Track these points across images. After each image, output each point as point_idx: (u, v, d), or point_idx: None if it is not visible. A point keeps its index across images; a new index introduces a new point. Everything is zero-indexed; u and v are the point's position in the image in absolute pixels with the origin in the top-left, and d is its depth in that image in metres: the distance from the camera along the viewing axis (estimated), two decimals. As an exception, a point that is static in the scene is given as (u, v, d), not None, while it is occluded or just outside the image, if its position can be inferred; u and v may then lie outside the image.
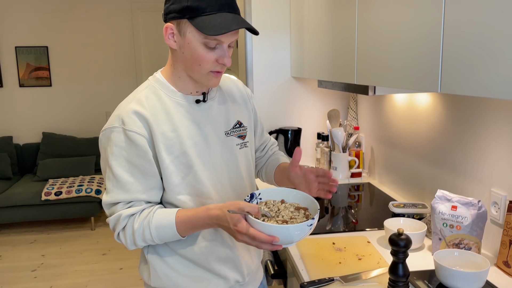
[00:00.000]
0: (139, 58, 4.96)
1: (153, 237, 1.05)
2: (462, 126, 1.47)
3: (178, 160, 1.07)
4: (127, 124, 1.03)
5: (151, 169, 1.05)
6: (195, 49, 1.01)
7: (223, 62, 1.04)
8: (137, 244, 1.07)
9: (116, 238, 1.09)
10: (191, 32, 1.00)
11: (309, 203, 1.08)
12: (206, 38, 1.00)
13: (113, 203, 1.06)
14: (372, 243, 1.45)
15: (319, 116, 2.47)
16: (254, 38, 2.32)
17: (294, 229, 0.94)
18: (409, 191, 1.87)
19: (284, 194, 1.12)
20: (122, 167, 1.04)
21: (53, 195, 3.97)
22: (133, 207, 1.05)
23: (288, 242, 0.97)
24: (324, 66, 1.82)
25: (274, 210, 1.05)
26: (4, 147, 4.53)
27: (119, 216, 1.04)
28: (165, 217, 1.04)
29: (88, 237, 4.00)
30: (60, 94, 4.84)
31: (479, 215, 1.26)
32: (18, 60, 4.69)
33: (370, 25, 1.34)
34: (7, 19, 4.60)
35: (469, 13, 0.87)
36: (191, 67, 1.05)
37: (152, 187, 1.07)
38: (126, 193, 1.04)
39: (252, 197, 1.09)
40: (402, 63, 1.15)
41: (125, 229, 1.06)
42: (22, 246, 3.82)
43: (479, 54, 0.85)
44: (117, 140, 1.04)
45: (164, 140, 1.05)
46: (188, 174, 1.08)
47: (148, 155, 1.04)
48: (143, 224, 1.04)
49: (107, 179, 1.06)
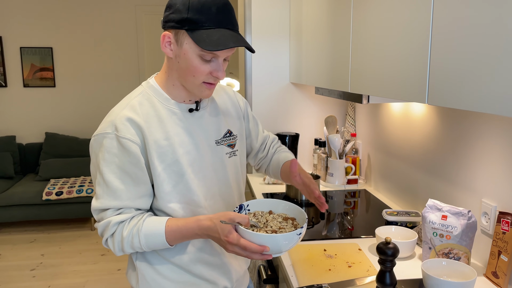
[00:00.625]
0: (142, 61, 5.00)
1: (141, 244, 1.05)
2: (455, 136, 1.48)
3: (170, 168, 1.07)
4: (120, 131, 1.04)
5: (143, 177, 1.06)
6: (190, 60, 1.02)
7: (216, 75, 1.05)
8: (125, 251, 1.08)
9: (104, 243, 1.10)
10: (188, 44, 1.01)
11: (297, 213, 1.10)
12: (202, 51, 1.00)
13: (103, 209, 1.06)
14: (363, 251, 1.45)
15: (317, 122, 2.48)
16: (254, 43, 2.34)
17: (283, 239, 0.96)
18: (403, 199, 1.88)
19: (272, 205, 1.13)
20: (114, 174, 1.04)
21: (54, 195, 4.00)
22: (122, 214, 1.06)
23: (277, 252, 0.98)
24: (321, 74, 1.84)
25: (262, 222, 1.07)
26: (7, 146, 4.57)
27: (108, 222, 1.05)
28: (155, 226, 1.05)
29: (88, 237, 4.02)
30: (64, 95, 4.88)
31: (469, 225, 1.26)
32: (23, 60, 4.73)
33: (363, 35, 1.36)
34: (13, 20, 4.65)
35: (455, 28, 0.88)
36: (185, 77, 1.06)
37: (142, 194, 1.07)
38: (116, 200, 1.05)
39: (240, 208, 1.11)
40: (393, 73, 1.17)
41: (114, 236, 1.07)
42: (22, 245, 3.85)
43: (465, 69, 0.86)
44: (109, 147, 1.04)
45: (157, 148, 1.06)
46: (179, 183, 1.09)
47: (140, 162, 1.05)
48: (133, 232, 1.05)
49: (97, 185, 1.06)
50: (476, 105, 0.83)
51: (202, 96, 1.10)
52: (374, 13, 1.28)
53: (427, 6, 0.99)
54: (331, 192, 2.15)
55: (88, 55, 4.87)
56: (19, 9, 4.65)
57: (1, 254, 3.66)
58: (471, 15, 0.84)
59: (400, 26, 1.12)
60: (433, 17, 0.97)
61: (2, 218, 4.00)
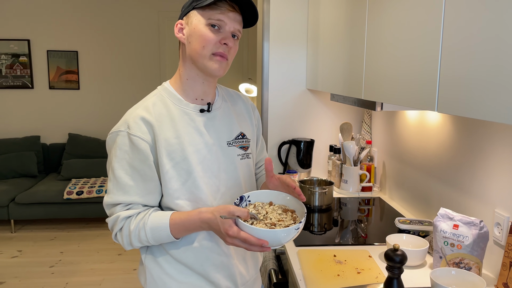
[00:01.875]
0: (164, 65, 5.09)
1: (148, 238, 1.09)
2: (470, 145, 1.47)
3: (179, 165, 1.11)
4: (132, 129, 1.09)
5: (151, 174, 1.10)
6: (200, 31, 1.09)
7: (225, 42, 1.09)
8: (133, 245, 1.12)
9: (114, 238, 1.14)
10: (196, 17, 1.10)
11: (296, 206, 1.11)
12: (210, 18, 1.08)
13: (113, 204, 1.11)
14: (374, 258, 1.45)
15: (332, 128, 2.49)
16: (272, 50, 2.37)
17: (281, 233, 0.99)
18: (417, 208, 1.87)
19: (273, 197, 1.15)
20: (124, 170, 1.09)
21: (75, 194, 4.10)
22: (130, 210, 1.10)
23: (276, 245, 1.01)
24: (336, 80, 1.85)
25: (262, 213, 1.09)
26: (32, 146, 4.72)
27: (117, 217, 1.10)
28: (160, 219, 1.09)
29: (106, 236, 4.10)
30: (87, 97, 5.02)
31: (481, 235, 1.25)
32: (49, 63, 4.89)
33: (377, 43, 1.37)
34: (41, 24, 4.81)
35: (466, 36, 0.89)
36: (196, 53, 1.10)
37: (150, 191, 1.11)
38: (125, 195, 1.09)
39: (241, 199, 1.12)
40: (404, 81, 1.18)
41: (122, 230, 1.11)
42: (42, 243, 3.95)
43: (475, 77, 0.86)
44: (121, 144, 1.09)
45: (167, 146, 1.10)
46: (187, 180, 1.12)
47: (148, 160, 1.09)
48: (139, 226, 1.09)
49: (109, 181, 1.12)
50: (485, 114, 0.83)
51: (214, 71, 1.12)
52: (387, 21, 1.29)
53: (438, 15, 1.00)
54: (345, 199, 2.14)
55: (111, 59, 4.99)
56: (47, 14, 4.81)
57: (22, 251, 3.77)
58: (482, 22, 0.84)
59: (412, 33, 1.13)
60: (444, 25, 0.97)
61: (24, 215, 4.13)
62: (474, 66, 0.86)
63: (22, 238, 4.05)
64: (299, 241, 1.61)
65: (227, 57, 1.12)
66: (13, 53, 4.80)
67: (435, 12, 1.01)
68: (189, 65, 1.15)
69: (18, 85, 4.86)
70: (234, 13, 1.10)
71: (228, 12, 1.09)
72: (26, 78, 4.87)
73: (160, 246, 1.18)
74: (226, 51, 1.11)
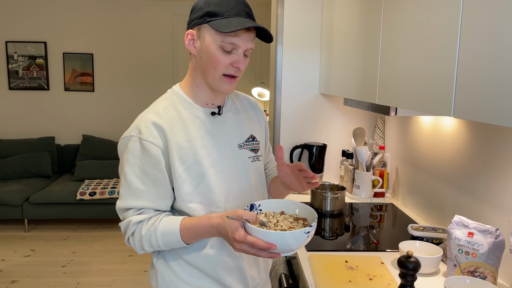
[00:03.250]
0: (177, 69, 5.13)
1: (159, 243, 1.09)
2: (485, 152, 1.45)
3: (191, 169, 1.11)
4: (143, 134, 1.09)
5: (162, 179, 1.10)
6: (212, 52, 1.07)
7: (237, 66, 1.08)
8: (145, 249, 1.12)
9: (126, 242, 1.14)
10: (210, 35, 1.07)
11: (308, 214, 1.09)
12: (223, 41, 1.05)
13: (125, 209, 1.11)
14: (386, 264, 1.44)
15: (345, 133, 2.47)
16: (286, 54, 2.37)
17: (290, 236, 0.95)
18: (431, 215, 1.84)
19: (284, 206, 1.13)
20: (135, 175, 1.09)
21: (88, 195, 4.14)
22: (142, 214, 1.10)
23: (286, 250, 0.98)
24: (350, 85, 1.84)
25: (273, 222, 1.07)
26: (47, 147, 4.79)
27: (129, 222, 1.10)
28: (170, 225, 1.09)
29: (117, 238, 4.13)
30: (102, 99, 5.07)
31: (496, 244, 1.23)
32: (65, 65, 4.96)
33: (392, 47, 1.36)
34: (57, 27, 4.89)
35: (484, 39, 0.88)
36: (206, 70, 1.10)
37: (161, 196, 1.11)
38: (137, 200, 1.09)
39: (252, 208, 1.11)
40: (419, 85, 1.16)
41: (134, 235, 1.11)
42: (55, 242, 4.00)
43: (494, 81, 0.85)
44: (132, 149, 1.10)
45: (178, 150, 1.10)
46: (200, 183, 1.12)
47: (160, 164, 1.09)
48: (150, 231, 1.09)
49: (121, 185, 1.12)
50: (504, 120, 0.81)
51: (223, 91, 1.12)
52: (402, 24, 1.28)
53: (456, 17, 0.98)
54: (357, 205, 2.13)
55: (126, 62, 5.05)
56: (63, 16, 4.89)
57: (35, 250, 3.82)
58: (501, 25, 0.83)
59: (428, 37, 1.12)
60: (461, 27, 0.96)
61: (38, 215, 4.18)
62: (493, 70, 0.85)
63: (35, 237, 4.10)
64: (311, 246, 1.60)
65: (238, 75, 1.12)
66: (30, 55, 4.88)
67: (453, 15, 1.00)
68: (199, 75, 1.15)
69: (35, 86, 4.94)
70: (249, 34, 1.08)
71: (242, 35, 1.07)
72: (42, 79, 4.95)
73: (172, 250, 1.18)
74: (238, 73, 1.11)
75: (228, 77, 1.11)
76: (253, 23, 1.05)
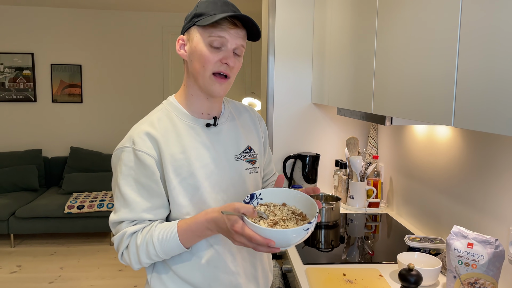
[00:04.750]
0: (167, 80, 5.09)
1: (157, 250, 1.04)
2: (482, 161, 1.44)
3: (186, 181, 1.08)
4: (137, 144, 1.06)
5: (158, 189, 1.07)
6: (200, 50, 1.06)
7: (226, 61, 1.06)
8: (142, 262, 1.07)
9: (120, 258, 1.09)
10: (198, 34, 1.07)
11: (309, 206, 1.04)
12: (211, 36, 1.05)
13: (119, 222, 1.07)
14: (384, 277, 1.41)
15: (338, 143, 2.46)
16: (278, 64, 2.35)
17: (291, 233, 0.93)
18: (427, 225, 1.82)
19: (285, 196, 1.07)
20: (129, 186, 1.06)
21: (76, 208, 4.05)
22: (137, 225, 1.07)
23: (285, 245, 0.95)
24: (343, 94, 1.83)
25: (272, 214, 1.02)
26: (33, 159, 4.69)
27: (123, 234, 1.06)
28: (167, 228, 1.05)
29: (106, 252, 4.04)
30: (90, 110, 5.01)
31: (496, 254, 1.21)
32: (53, 77, 4.89)
33: (388, 55, 1.35)
34: (45, 38, 4.84)
35: (485, 45, 0.86)
36: (197, 72, 1.08)
37: (157, 206, 1.08)
38: (131, 212, 1.06)
39: (252, 197, 1.06)
40: (417, 95, 1.15)
41: (129, 247, 1.07)
42: (42, 257, 3.89)
43: (496, 89, 0.83)
44: (126, 160, 1.07)
45: (173, 162, 1.07)
46: (195, 196, 1.09)
47: (155, 175, 1.06)
48: (146, 239, 1.04)
49: (115, 198, 1.08)
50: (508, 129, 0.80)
51: (214, 93, 1.10)
52: (399, 29, 1.27)
53: (455, 22, 0.97)
54: (352, 215, 2.10)
55: (115, 73, 5.00)
56: (51, 27, 4.84)
57: (22, 266, 3.71)
58: (502, 30, 0.82)
59: (426, 43, 1.11)
60: (460, 34, 0.95)
61: (24, 229, 4.07)
62: (495, 77, 0.83)
63: (22, 253, 4.00)
64: (307, 258, 1.57)
65: (229, 75, 1.09)
66: (17, 66, 4.81)
67: (452, 20, 0.99)
68: (193, 82, 1.13)
69: (21, 98, 4.86)
70: (236, 29, 1.07)
71: (229, 29, 1.05)
72: (29, 91, 4.87)
73: (167, 266, 1.14)
74: (228, 70, 1.08)
75: (218, 77, 1.08)
76: (237, 13, 1.04)
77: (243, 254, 1.17)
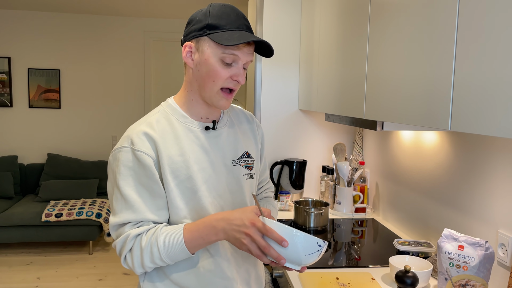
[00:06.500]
0: (148, 86, 5.04)
1: (161, 253, 1.02)
2: (469, 165, 1.47)
3: (183, 184, 1.07)
4: (135, 144, 1.04)
5: (159, 190, 1.05)
6: (211, 65, 1.05)
7: (237, 79, 1.06)
8: (145, 265, 1.04)
9: (123, 262, 1.06)
10: (210, 48, 1.04)
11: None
12: (224, 53, 1.03)
13: (122, 224, 1.05)
14: (377, 280, 1.42)
15: (325, 149, 2.48)
16: (265, 71, 2.36)
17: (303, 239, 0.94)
18: (413, 229, 1.85)
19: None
20: (130, 187, 1.04)
21: (54, 216, 3.94)
22: (141, 227, 1.04)
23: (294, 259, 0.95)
24: (332, 100, 1.85)
25: None
26: (9, 166, 4.54)
27: (127, 236, 1.03)
28: (172, 231, 1.03)
29: (85, 261, 3.94)
30: (68, 116, 4.90)
31: (487, 256, 1.24)
32: (30, 81, 4.77)
33: (381, 60, 1.37)
34: (22, 41, 4.72)
35: (480, 53, 0.89)
36: (204, 84, 1.08)
37: (160, 207, 1.06)
38: (134, 213, 1.03)
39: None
40: (412, 99, 1.17)
41: (133, 250, 1.04)
42: (18, 267, 3.76)
43: (495, 91, 0.86)
44: (125, 160, 1.04)
45: (170, 164, 1.06)
46: (192, 199, 1.08)
47: (155, 176, 1.05)
48: (151, 241, 1.02)
49: (115, 200, 1.05)
50: (506, 131, 0.82)
51: (219, 106, 1.10)
52: (392, 31, 1.30)
53: (452, 23, 1.00)
54: (339, 220, 2.12)
55: (94, 79, 4.92)
56: (28, 31, 4.73)
57: (-4, 276, 3.57)
58: (499, 32, 0.84)
59: (422, 46, 1.13)
60: (457, 35, 0.97)
61: (-1, 239, 3.93)
62: (493, 79, 0.86)
63: (-4, 263, 3.85)
64: (299, 263, 1.57)
65: (235, 89, 1.10)
66: (-8, 70, 4.67)
67: (449, 21, 1.01)
68: (195, 88, 1.11)
69: (-4, 103, 4.71)
70: (249, 47, 1.07)
71: (243, 48, 1.05)
72: (5, 96, 4.73)
73: (160, 271, 1.11)
74: (237, 86, 1.09)
75: (225, 92, 1.08)
76: (255, 37, 1.04)
77: (237, 260, 1.16)
